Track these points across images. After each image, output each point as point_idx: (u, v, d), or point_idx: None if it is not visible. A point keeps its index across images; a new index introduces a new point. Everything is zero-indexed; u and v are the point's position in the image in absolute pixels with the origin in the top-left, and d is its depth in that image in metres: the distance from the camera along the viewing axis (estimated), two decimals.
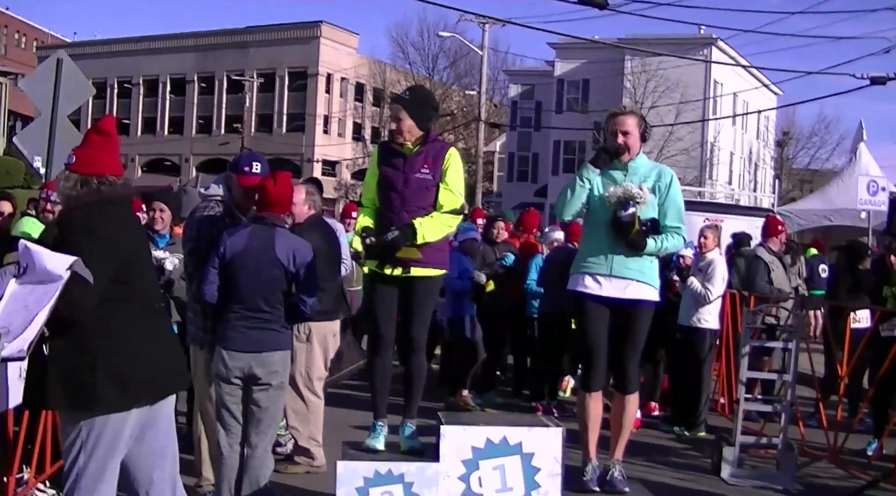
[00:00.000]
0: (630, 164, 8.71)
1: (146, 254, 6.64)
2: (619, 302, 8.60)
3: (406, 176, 8.34)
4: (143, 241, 6.64)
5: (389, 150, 8.57)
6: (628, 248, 8.51)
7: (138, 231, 6.66)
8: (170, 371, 6.47)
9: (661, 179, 8.70)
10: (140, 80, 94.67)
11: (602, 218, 8.64)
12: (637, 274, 8.59)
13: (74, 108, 17.40)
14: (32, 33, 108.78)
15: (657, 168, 8.94)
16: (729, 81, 74.34)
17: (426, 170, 8.38)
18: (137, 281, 6.31)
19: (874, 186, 23.69)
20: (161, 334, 6.50)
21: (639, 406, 14.83)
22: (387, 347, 8.53)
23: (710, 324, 14.39)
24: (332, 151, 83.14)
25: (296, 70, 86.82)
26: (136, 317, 6.27)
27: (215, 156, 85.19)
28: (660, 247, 8.63)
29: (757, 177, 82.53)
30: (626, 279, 8.56)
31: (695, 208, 21.63)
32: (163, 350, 6.41)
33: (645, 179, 8.62)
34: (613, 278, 8.55)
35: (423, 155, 8.41)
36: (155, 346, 6.34)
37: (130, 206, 6.74)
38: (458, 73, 73.18)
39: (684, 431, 14.40)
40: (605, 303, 8.63)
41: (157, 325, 6.48)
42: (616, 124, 8.75)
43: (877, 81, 22.96)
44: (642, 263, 8.62)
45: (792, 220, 26.06)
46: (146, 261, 6.58)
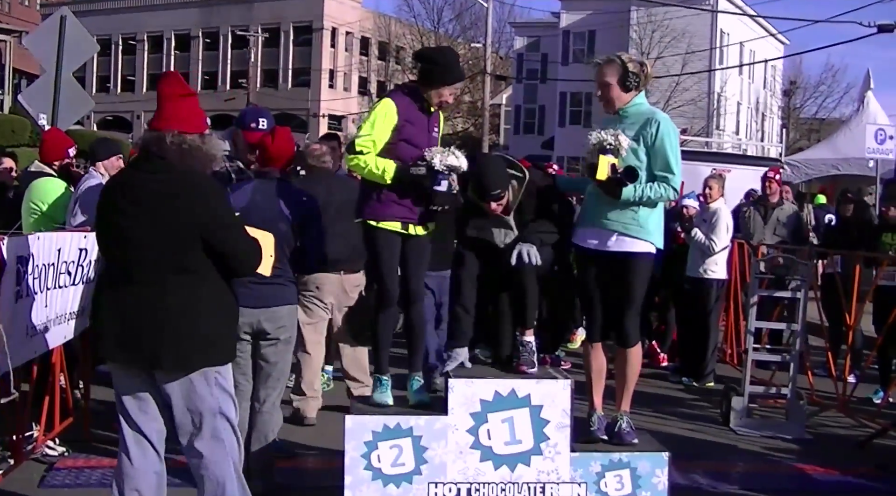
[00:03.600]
0: (621, 112, 8.46)
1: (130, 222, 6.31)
2: (610, 254, 8.42)
3: (430, 136, 8.28)
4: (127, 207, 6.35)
5: (411, 109, 8.27)
6: (609, 196, 8.36)
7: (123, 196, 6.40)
8: (101, 339, 6.45)
9: (647, 127, 8.35)
10: (144, 37, 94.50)
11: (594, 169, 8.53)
12: (619, 226, 8.30)
13: (79, 65, 17.32)
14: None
15: (647, 115, 8.46)
16: (735, 31, 73.85)
17: (436, 131, 8.40)
18: (99, 237, 6.60)
19: (882, 135, 23.59)
20: (122, 302, 6.33)
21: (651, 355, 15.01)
22: (391, 302, 8.49)
23: (717, 274, 14.39)
24: (338, 106, 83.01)
25: (300, 24, 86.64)
26: (110, 280, 6.44)
27: (221, 111, 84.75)
28: (640, 195, 8.20)
29: (764, 127, 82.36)
30: (610, 231, 8.33)
31: (701, 158, 21.57)
32: (111, 319, 6.36)
33: (635, 127, 8.44)
34: (599, 230, 8.38)
35: (436, 116, 8.40)
36: (109, 312, 6.37)
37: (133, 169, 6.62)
38: (464, 26, 72.99)
39: (693, 382, 14.45)
40: (596, 255, 8.53)
41: (121, 293, 6.34)
42: (595, 77, 8.65)
43: (884, 29, 22.84)
44: (625, 214, 8.30)
45: (800, 169, 26.06)
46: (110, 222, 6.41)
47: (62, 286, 8.95)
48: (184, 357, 6.30)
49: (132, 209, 6.24)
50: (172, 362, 6.29)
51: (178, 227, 6.22)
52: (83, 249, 9.35)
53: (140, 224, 6.21)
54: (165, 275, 6.23)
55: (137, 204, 6.24)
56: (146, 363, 6.31)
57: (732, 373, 15.00)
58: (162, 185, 6.26)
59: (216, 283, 6.45)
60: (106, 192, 6.50)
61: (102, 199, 6.47)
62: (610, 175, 8.10)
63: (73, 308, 9.35)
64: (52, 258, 8.61)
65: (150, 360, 6.28)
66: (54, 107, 15.74)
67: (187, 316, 6.26)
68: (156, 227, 6.20)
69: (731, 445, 11.39)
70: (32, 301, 8.22)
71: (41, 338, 8.58)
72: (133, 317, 6.23)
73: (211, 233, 6.30)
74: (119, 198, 6.34)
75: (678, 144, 8.52)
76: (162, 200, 6.22)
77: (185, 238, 6.24)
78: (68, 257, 8.99)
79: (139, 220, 6.22)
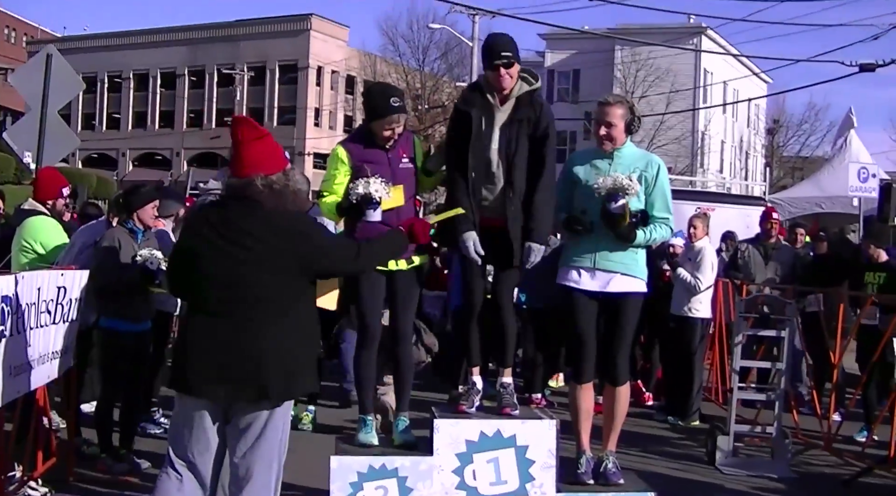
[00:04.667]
0: (615, 153, 8.55)
1: (218, 254, 6.49)
2: (606, 295, 8.52)
3: (393, 169, 8.32)
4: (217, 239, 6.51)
5: (364, 147, 8.46)
6: (617, 240, 8.37)
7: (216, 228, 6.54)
8: (195, 374, 6.47)
9: (648, 169, 8.52)
10: (130, 75, 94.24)
11: (587, 209, 8.49)
12: (621, 266, 8.47)
13: (65, 103, 17.34)
14: (22, 28, 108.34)
15: (645, 157, 8.78)
16: (719, 70, 74.30)
17: (406, 159, 8.45)
18: (190, 274, 6.59)
19: (864, 173, 23.65)
20: (200, 333, 6.50)
21: (636, 394, 14.99)
22: (373, 340, 8.47)
23: (701, 313, 14.39)
24: (324, 144, 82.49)
25: (286, 63, 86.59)
26: (187, 309, 6.72)
27: (206, 150, 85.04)
28: (649, 238, 8.48)
29: (748, 165, 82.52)
30: (611, 272, 8.45)
31: (686, 197, 21.63)
32: (193, 349, 6.50)
33: (632, 169, 8.50)
34: (598, 271, 8.45)
35: (400, 146, 8.46)
36: (188, 341, 6.56)
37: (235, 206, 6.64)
38: (449, 64, 72.61)
39: (678, 421, 14.41)
40: (592, 296, 8.55)
41: (200, 324, 6.52)
42: (601, 114, 8.66)
43: (866, 68, 22.97)
44: (626, 256, 8.48)
45: (783, 207, 26.09)
46: (207, 259, 6.51)
47: (43, 325, 8.86)
48: (287, 386, 6.54)
49: (231, 248, 6.43)
50: (278, 392, 6.50)
51: (282, 264, 6.47)
52: (62, 288, 9.27)
53: (242, 263, 6.41)
54: (268, 309, 6.43)
55: (236, 243, 6.43)
56: (253, 394, 6.43)
57: (718, 411, 14.95)
58: (262, 225, 6.48)
59: (306, 312, 6.75)
60: (194, 233, 6.65)
61: (190, 240, 6.63)
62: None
63: (56, 347, 9.27)
64: (33, 297, 8.53)
65: (258, 392, 6.42)
66: (39, 144, 15.70)
67: (287, 346, 6.49)
68: (259, 266, 6.42)
69: (717, 485, 11.36)
70: (15, 340, 8.14)
71: (24, 377, 8.49)
72: (237, 352, 6.38)
73: (316, 263, 6.65)
74: (215, 237, 6.49)
75: None
76: (264, 240, 6.45)
77: (288, 274, 6.50)
78: (47, 296, 8.91)
79: (240, 259, 6.42)
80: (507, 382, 8.48)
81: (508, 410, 8.28)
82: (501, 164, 8.31)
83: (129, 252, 10.14)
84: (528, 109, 8.35)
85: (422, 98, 69.50)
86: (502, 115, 8.35)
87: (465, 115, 8.44)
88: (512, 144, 8.28)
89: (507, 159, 8.28)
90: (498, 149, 8.31)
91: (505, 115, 8.35)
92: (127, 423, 10.63)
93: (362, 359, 8.54)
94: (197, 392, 6.49)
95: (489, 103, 8.38)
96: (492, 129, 8.35)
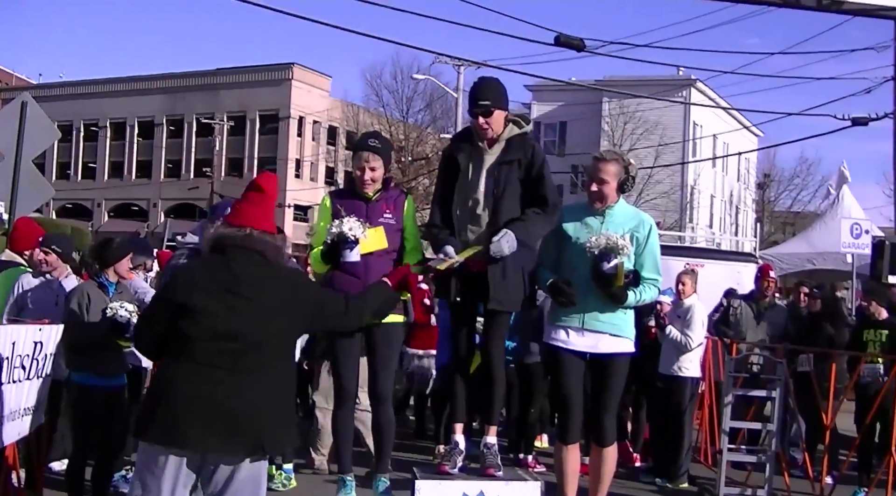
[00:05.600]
0: (607, 210, 8.52)
1: (222, 307, 6.31)
2: (594, 355, 8.46)
3: (370, 219, 8.30)
4: (224, 294, 6.35)
5: (346, 197, 8.56)
6: (609, 300, 8.33)
7: (225, 282, 6.38)
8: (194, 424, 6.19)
9: (640, 229, 8.52)
10: (107, 123, 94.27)
11: (577, 267, 8.41)
12: (610, 327, 8.42)
13: (39, 152, 17.06)
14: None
15: (636, 216, 8.73)
16: (708, 123, 74.42)
17: (389, 214, 8.42)
18: (189, 329, 6.27)
19: (857, 229, 23.67)
20: (199, 388, 6.23)
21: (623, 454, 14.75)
22: (350, 398, 8.49)
23: (690, 372, 14.16)
24: (305, 196, 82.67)
25: (267, 113, 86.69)
26: (179, 364, 6.28)
27: (184, 200, 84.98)
28: (639, 299, 8.48)
29: (738, 220, 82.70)
30: (599, 333, 8.40)
31: (675, 253, 21.41)
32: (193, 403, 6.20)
33: (625, 229, 8.39)
34: (586, 332, 8.41)
35: (385, 200, 8.46)
36: (184, 396, 6.22)
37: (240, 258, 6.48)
38: (434, 116, 72.67)
39: (666, 483, 14.15)
40: (580, 356, 8.45)
41: (198, 378, 6.24)
42: (594, 170, 8.52)
43: (858, 122, 22.87)
44: (615, 316, 8.44)
45: (775, 263, 25.96)
46: (211, 313, 6.29)
47: (16, 381, 8.73)
48: (280, 439, 6.52)
49: (232, 299, 6.31)
50: (272, 445, 6.48)
51: (283, 315, 6.43)
52: (38, 342, 9.13)
53: (242, 313, 6.31)
54: (263, 360, 6.34)
55: (238, 294, 6.33)
56: (248, 447, 6.28)
57: (707, 473, 14.71)
58: (264, 276, 6.47)
59: (292, 365, 6.84)
60: (188, 285, 6.40)
61: (184, 292, 6.36)
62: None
63: (28, 403, 9.11)
64: (7, 351, 8.42)
65: (253, 444, 6.28)
66: (13, 194, 15.44)
67: (279, 398, 6.45)
68: (260, 317, 6.35)
69: None
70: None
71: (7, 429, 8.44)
72: (233, 403, 6.22)
73: (314, 316, 6.68)
74: (216, 287, 6.34)
75: None
76: (267, 290, 6.41)
77: (286, 326, 6.49)
78: (23, 351, 8.79)
79: (240, 309, 6.31)
80: (491, 442, 8.37)
81: (492, 471, 8.14)
82: (487, 206, 8.26)
83: (100, 306, 9.90)
84: (518, 151, 8.32)
85: (405, 150, 69.32)
86: (490, 157, 8.33)
87: (451, 158, 8.45)
88: (500, 186, 8.24)
89: (493, 202, 8.24)
90: (485, 191, 8.26)
91: (493, 157, 8.33)
92: (99, 481, 10.37)
93: (339, 419, 8.48)
94: (184, 443, 6.21)
95: (478, 147, 8.36)
96: (479, 172, 8.31)
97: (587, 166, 8.67)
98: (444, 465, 8.19)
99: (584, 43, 16.34)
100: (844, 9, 12.88)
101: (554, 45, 16.19)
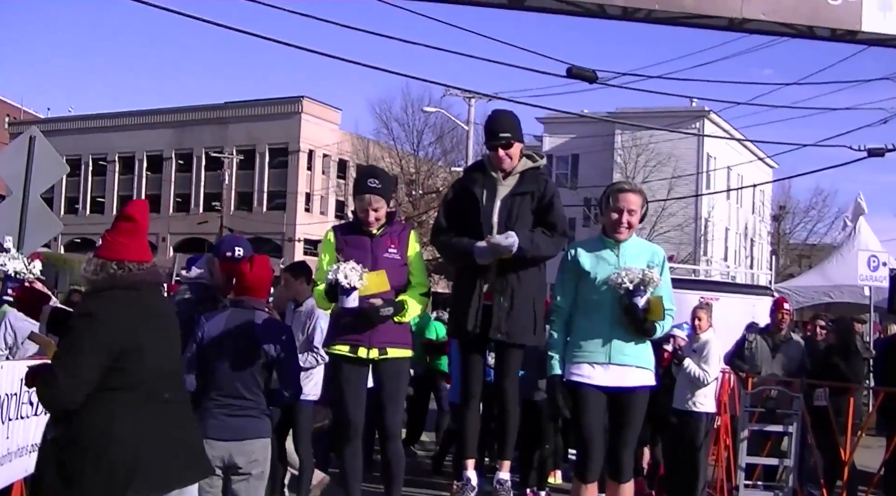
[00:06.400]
0: (621, 244, 8.43)
1: (159, 341, 6.23)
2: (617, 389, 8.31)
3: (375, 256, 8.31)
4: (156, 328, 6.26)
5: (350, 232, 8.58)
6: (639, 334, 8.23)
7: (152, 317, 6.26)
8: (173, 464, 6.10)
9: (654, 260, 8.46)
10: (115, 157, 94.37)
11: (599, 303, 8.31)
12: (635, 359, 8.33)
13: (48, 187, 16.99)
14: (4, 108, 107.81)
15: (650, 248, 8.69)
16: (722, 155, 74.02)
17: (393, 249, 8.42)
18: (138, 369, 6.03)
19: (875, 261, 23.51)
20: (165, 425, 6.11)
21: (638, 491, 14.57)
22: (356, 434, 8.44)
23: (705, 407, 13.97)
24: (315, 230, 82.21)
25: (276, 146, 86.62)
26: (136, 407, 6.02)
27: (193, 235, 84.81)
28: (662, 331, 8.42)
29: (753, 252, 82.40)
30: (626, 366, 8.29)
31: (689, 286, 21.14)
32: (165, 441, 6.08)
33: (643, 261, 8.31)
34: (612, 366, 8.28)
35: (389, 235, 8.47)
36: (155, 437, 6.03)
37: (151, 292, 6.38)
38: (444, 149, 72.25)
39: None
40: (603, 391, 8.29)
41: (160, 415, 6.11)
42: (623, 202, 8.38)
43: (875, 153, 22.62)
44: (639, 348, 8.37)
45: (791, 297, 25.79)
46: (154, 349, 6.14)
47: (24, 417, 8.70)
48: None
49: (162, 335, 6.29)
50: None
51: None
52: None
53: (173, 346, 6.40)
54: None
55: (164, 329, 6.33)
56: (208, 470, 6.55)
57: None
58: (171, 309, 6.62)
59: None
60: (129, 328, 6.13)
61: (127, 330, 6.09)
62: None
63: (36, 440, 8.85)
64: (15, 388, 8.39)
65: (208, 467, 6.51)
66: (21, 229, 15.35)
67: None
68: (178, 347, 6.54)
69: None
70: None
71: (1, 471, 8.37)
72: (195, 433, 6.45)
73: None
74: (146, 327, 6.19)
75: None
76: (175, 323, 6.49)
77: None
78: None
79: (170, 343, 6.36)
80: (504, 479, 8.42)
81: None
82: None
83: None
84: (532, 184, 8.43)
85: (416, 183, 69.01)
86: (504, 188, 8.43)
87: (465, 189, 8.54)
88: (513, 217, 8.33)
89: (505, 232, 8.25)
90: (497, 222, 8.34)
91: (507, 189, 8.42)
92: None
93: (347, 453, 8.45)
94: (177, 482, 6.13)
95: (492, 178, 8.45)
96: (493, 203, 8.40)
97: (610, 197, 8.49)
98: None
99: (596, 74, 16.20)
100: (859, 39, 12.72)
101: (566, 76, 16.03)
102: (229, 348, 8.05)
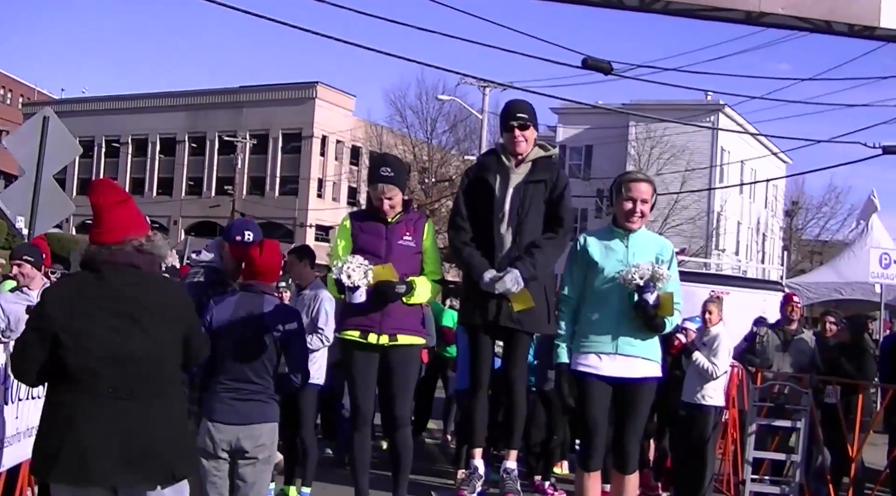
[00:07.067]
0: (630, 235, 8.43)
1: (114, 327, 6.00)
2: (623, 380, 8.30)
3: (389, 243, 8.36)
4: (112, 313, 6.02)
5: (366, 219, 8.62)
6: (648, 329, 8.25)
7: (108, 300, 6.03)
8: (100, 462, 5.88)
9: (663, 253, 8.47)
10: (129, 140, 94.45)
11: (608, 295, 8.32)
12: (642, 351, 8.34)
13: (60, 168, 17.03)
14: (18, 89, 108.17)
15: (658, 240, 8.71)
16: (736, 149, 74.06)
17: (408, 237, 8.45)
18: (78, 353, 5.91)
19: (886, 259, 23.43)
20: (103, 418, 5.91)
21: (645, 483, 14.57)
22: (366, 422, 8.47)
23: (714, 400, 13.93)
24: (327, 216, 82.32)
25: (290, 131, 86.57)
26: (76, 394, 5.94)
27: (205, 218, 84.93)
28: (671, 326, 8.47)
29: (765, 247, 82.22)
30: (633, 357, 8.30)
31: (700, 280, 21.10)
32: (92, 436, 5.88)
33: (650, 253, 8.35)
34: (619, 356, 8.28)
35: (405, 223, 8.50)
36: (87, 430, 5.88)
37: (116, 274, 6.12)
38: (458, 138, 72.01)
39: None
40: (609, 382, 8.29)
41: (102, 408, 5.92)
42: (635, 191, 8.36)
43: (889, 151, 22.51)
44: (647, 341, 8.38)
45: (802, 292, 25.77)
46: (103, 334, 5.97)
47: (35, 397, 8.67)
48: (189, 465, 6.35)
49: (119, 321, 6.00)
50: (182, 472, 6.21)
51: (172, 334, 6.20)
52: None
53: (132, 336, 6.01)
54: (163, 385, 6.13)
55: (125, 315, 6.02)
56: (160, 476, 6.06)
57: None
58: (147, 292, 6.17)
59: (180, 381, 6.53)
60: (67, 311, 6.01)
61: (64, 315, 5.99)
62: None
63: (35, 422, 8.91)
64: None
65: (165, 473, 6.08)
66: (33, 209, 15.38)
67: (182, 423, 6.30)
68: (151, 338, 6.06)
69: None
70: (3, 412, 8.09)
71: (10, 451, 8.41)
72: (140, 433, 5.97)
73: (192, 337, 6.37)
74: (97, 311, 5.99)
75: None
76: (152, 308, 6.13)
77: (176, 345, 6.22)
78: None
79: (130, 332, 6.01)
80: (511, 468, 8.45)
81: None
82: (511, 225, 8.34)
83: None
84: (544, 172, 8.44)
85: (429, 171, 68.84)
86: (517, 176, 8.43)
87: (479, 177, 8.52)
88: (525, 205, 8.35)
89: (516, 220, 8.34)
90: (509, 210, 8.35)
91: (520, 177, 8.42)
92: None
93: (356, 442, 8.48)
94: (94, 480, 5.93)
95: (505, 165, 8.45)
96: (506, 190, 8.39)
97: (622, 186, 8.46)
98: (462, 490, 8.17)
99: (611, 66, 16.12)
100: (877, 35, 12.63)
101: (581, 67, 15.95)
102: (238, 332, 8.01)
